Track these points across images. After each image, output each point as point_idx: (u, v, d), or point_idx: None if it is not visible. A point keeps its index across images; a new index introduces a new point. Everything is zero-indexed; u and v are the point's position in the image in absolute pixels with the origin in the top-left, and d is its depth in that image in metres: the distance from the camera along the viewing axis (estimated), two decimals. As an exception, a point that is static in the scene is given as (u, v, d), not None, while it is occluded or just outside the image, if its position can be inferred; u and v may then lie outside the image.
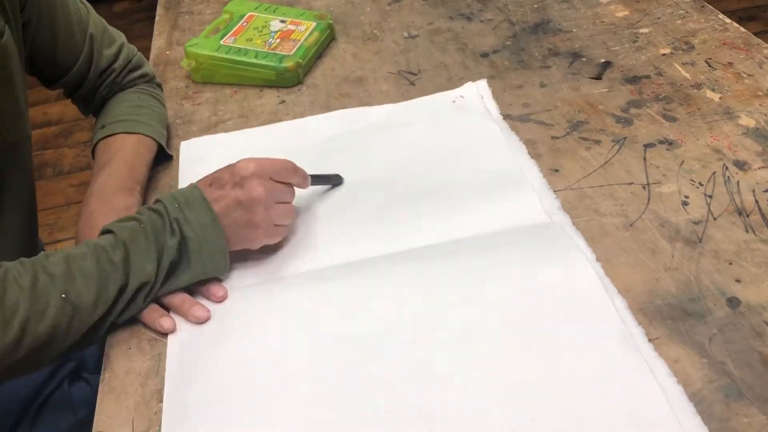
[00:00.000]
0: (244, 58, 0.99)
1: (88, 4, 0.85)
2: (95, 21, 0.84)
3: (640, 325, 0.60)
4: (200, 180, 0.69)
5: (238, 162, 0.68)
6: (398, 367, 0.60)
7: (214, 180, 0.68)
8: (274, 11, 1.09)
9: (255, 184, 0.66)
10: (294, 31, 1.04)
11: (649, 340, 0.59)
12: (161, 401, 0.60)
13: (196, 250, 0.65)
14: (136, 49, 0.91)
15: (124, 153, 0.80)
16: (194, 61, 1.01)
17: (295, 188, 0.72)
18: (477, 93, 0.92)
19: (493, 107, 0.89)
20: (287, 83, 0.99)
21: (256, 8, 1.10)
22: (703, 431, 0.52)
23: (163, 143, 0.85)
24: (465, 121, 0.88)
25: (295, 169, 0.71)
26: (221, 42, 1.02)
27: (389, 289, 0.67)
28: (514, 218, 0.72)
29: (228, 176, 0.67)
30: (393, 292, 0.66)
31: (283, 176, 0.69)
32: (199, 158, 0.87)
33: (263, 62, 0.98)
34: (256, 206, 0.66)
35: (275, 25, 1.06)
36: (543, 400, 0.56)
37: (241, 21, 1.07)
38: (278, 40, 1.02)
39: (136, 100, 0.87)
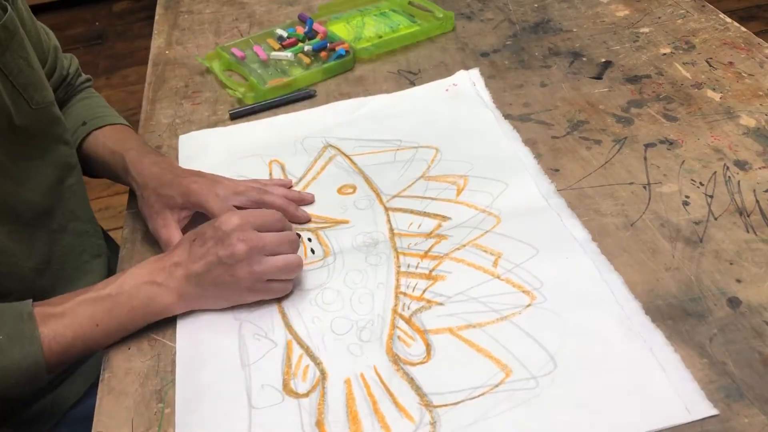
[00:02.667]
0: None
1: None
2: (54, 36, 0.89)
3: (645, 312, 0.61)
4: (185, 236, 0.68)
5: (221, 216, 0.66)
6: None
7: (197, 236, 0.65)
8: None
9: (236, 240, 0.63)
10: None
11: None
12: (161, 401, 0.60)
13: None
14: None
15: (129, 136, 0.85)
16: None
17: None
18: (469, 81, 0.94)
19: (485, 94, 0.91)
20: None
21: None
22: (705, 404, 0.53)
23: None
24: (459, 109, 0.89)
25: (282, 220, 0.68)
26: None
27: (390, 279, 0.68)
28: (513, 202, 0.74)
29: (210, 232, 0.65)
30: (393, 283, 0.67)
31: (271, 227, 0.66)
32: (197, 152, 0.88)
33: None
34: (238, 263, 0.63)
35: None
36: (548, 379, 0.57)
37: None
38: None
39: (99, 101, 0.93)
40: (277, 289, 0.66)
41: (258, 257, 0.64)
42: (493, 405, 0.55)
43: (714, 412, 0.53)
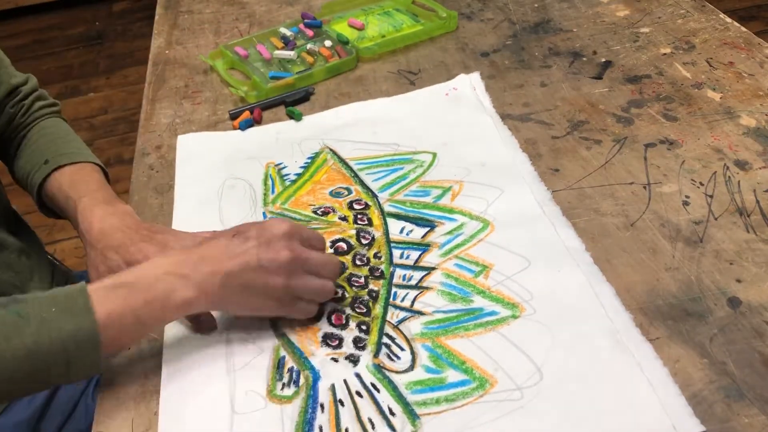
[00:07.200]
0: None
1: None
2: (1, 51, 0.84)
3: (639, 324, 0.60)
4: (223, 231, 0.63)
5: (270, 220, 0.62)
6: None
7: (238, 233, 0.61)
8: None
9: (282, 246, 0.59)
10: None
11: (650, 340, 0.59)
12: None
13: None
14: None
15: (88, 178, 0.78)
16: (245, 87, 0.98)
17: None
18: (470, 85, 0.93)
19: (485, 99, 0.90)
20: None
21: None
22: (692, 422, 0.53)
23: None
24: (458, 114, 0.88)
25: (324, 243, 0.65)
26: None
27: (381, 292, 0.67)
28: (508, 209, 0.73)
29: (255, 232, 0.60)
30: (383, 292, 0.67)
31: (316, 245, 0.63)
32: (194, 154, 0.88)
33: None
34: (276, 271, 0.59)
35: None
36: (534, 390, 0.56)
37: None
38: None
39: (64, 132, 0.85)
40: (303, 310, 0.63)
41: (298, 271, 0.60)
42: (477, 415, 0.55)
43: (701, 429, 0.52)
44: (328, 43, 1.03)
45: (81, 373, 0.56)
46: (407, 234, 0.72)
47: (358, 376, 0.59)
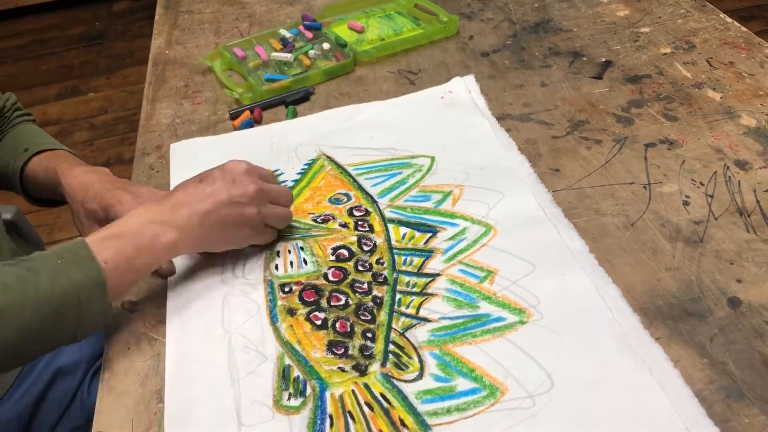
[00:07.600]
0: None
1: None
2: None
3: (643, 325, 0.60)
4: (188, 180, 0.69)
5: (228, 162, 0.69)
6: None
7: (204, 178, 0.68)
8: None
9: (247, 181, 0.68)
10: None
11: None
12: (161, 401, 0.60)
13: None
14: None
15: (67, 156, 0.85)
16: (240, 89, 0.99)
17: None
18: (465, 88, 0.92)
19: (481, 102, 0.90)
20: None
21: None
22: (705, 423, 0.52)
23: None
24: (455, 117, 0.88)
25: (275, 177, 0.72)
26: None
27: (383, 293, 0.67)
28: (510, 213, 0.72)
29: (219, 174, 0.68)
30: (388, 299, 0.66)
31: (269, 179, 0.71)
32: (188, 161, 0.87)
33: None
34: (248, 203, 0.67)
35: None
36: (545, 398, 0.55)
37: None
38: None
39: (40, 131, 0.92)
40: (269, 234, 0.71)
41: (264, 201, 0.69)
42: (489, 425, 0.54)
43: (716, 430, 0.52)
44: (326, 45, 1.03)
45: (91, 323, 0.60)
46: (411, 239, 0.72)
47: (366, 386, 0.59)
